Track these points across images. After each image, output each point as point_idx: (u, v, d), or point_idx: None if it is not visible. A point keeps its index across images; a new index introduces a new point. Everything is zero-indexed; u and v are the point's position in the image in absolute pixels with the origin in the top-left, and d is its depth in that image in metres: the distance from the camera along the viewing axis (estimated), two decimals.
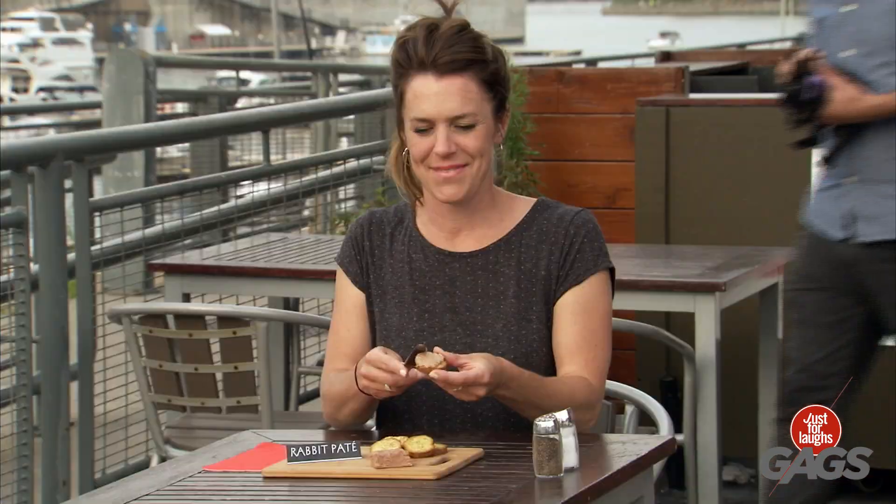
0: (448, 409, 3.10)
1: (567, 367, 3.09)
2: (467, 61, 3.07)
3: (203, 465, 2.99)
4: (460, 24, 3.10)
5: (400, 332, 3.14)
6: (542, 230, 3.14)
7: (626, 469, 2.88)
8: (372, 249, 3.20)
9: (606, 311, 3.15)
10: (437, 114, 3.06)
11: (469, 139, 3.07)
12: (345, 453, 2.90)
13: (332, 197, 9.12)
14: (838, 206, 4.27)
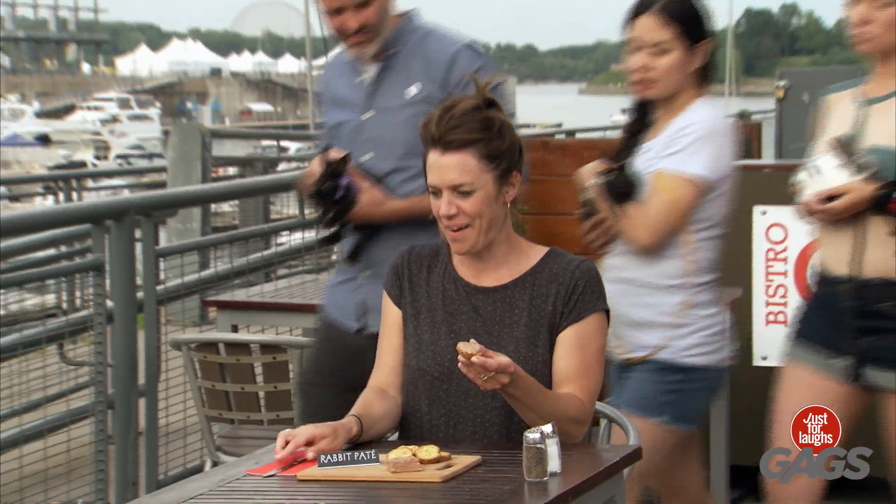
0: (462, 414, 3.10)
1: (563, 389, 3.08)
2: (467, 140, 3.04)
3: (247, 469, 2.97)
4: (474, 104, 3.08)
5: (430, 346, 3.14)
6: (553, 273, 3.14)
7: (600, 473, 2.86)
8: (410, 277, 3.22)
9: (600, 346, 3.14)
10: (441, 182, 3.07)
11: (467, 203, 3.06)
12: (365, 460, 2.88)
13: None
14: (353, 298, 3.86)
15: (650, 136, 3.74)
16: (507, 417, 3.07)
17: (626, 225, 3.68)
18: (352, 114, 3.81)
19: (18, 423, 5.32)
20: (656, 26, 3.61)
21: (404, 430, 3.18)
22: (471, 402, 3.09)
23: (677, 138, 3.64)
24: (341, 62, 3.89)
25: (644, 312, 3.72)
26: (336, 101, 3.87)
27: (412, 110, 3.68)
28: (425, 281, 3.21)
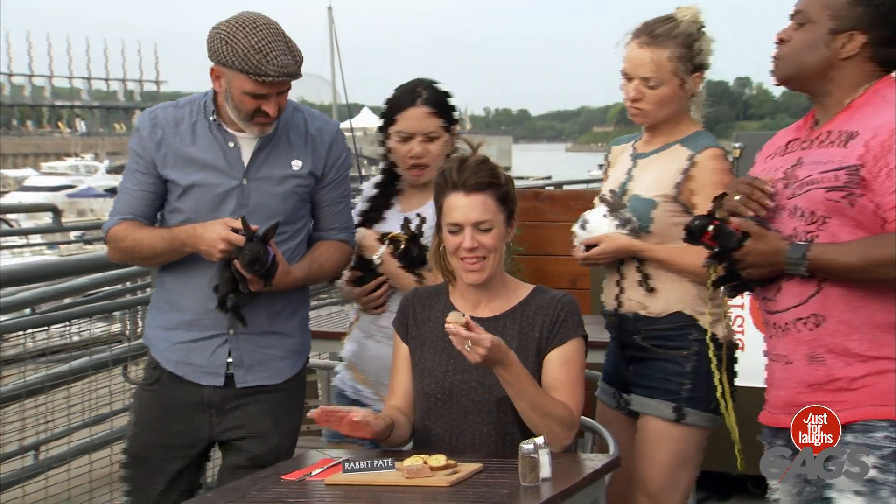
0: (462, 429, 3.10)
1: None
2: (487, 183, 3.10)
3: (281, 475, 2.94)
4: (483, 157, 3.17)
5: (432, 371, 3.14)
6: (539, 306, 3.15)
7: (585, 479, 2.84)
8: (415, 315, 3.23)
9: (581, 367, 3.14)
10: (465, 220, 3.09)
11: (487, 238, 3.10)
12: (383, 467, 2.87)
13: None
14: (218, 355, 3.35)
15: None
16: (501, 430, 3.07)
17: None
18: (221, 178, 3.31)
19: (88, 433, 5.29)
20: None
21: (416, 443, 3.17)
22: (470, 418, 3.09)
23: None
24: (175, 120, 3.35)
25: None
26: (190, 160, 3.32)
27: (295, 182, 3.35)
28: (428, 317, 3.21)
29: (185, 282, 3.36)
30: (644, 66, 3.34)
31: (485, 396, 3.07)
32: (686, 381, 3.29)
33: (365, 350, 3.61)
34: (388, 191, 3.64)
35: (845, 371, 2.75)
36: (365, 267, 3.56)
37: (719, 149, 3.34)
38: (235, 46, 3.18)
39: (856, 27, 2.76)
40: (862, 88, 2.80)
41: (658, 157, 3.39)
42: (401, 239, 3.52)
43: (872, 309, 2.74)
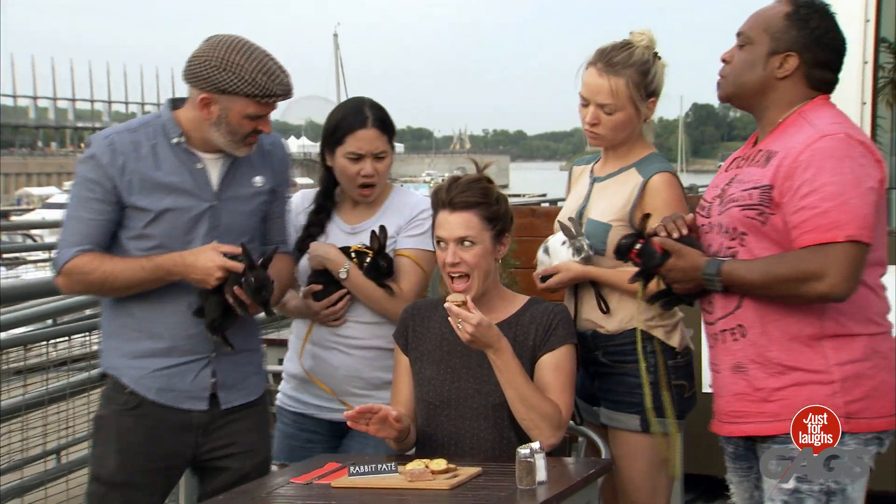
0: (461, 434, 3.10)
1: None
2: (474, 202, 3.10)
3: (290, 478, 2.93)
4: (476, 177, 3.17)
5: (430, 380, 3.14)
6: (532, 316, 3.16)
7: (578, 482, 2.84)
8: (414, 327, 3.23)
9: (571, 373, 3.14)
10: (448, 235, 3.10)
11: (468, 255, 3.10)
12: (387, 471, 2.86)
13: None
14: (201, 378, 3.21)
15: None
16: (498, 434, 3.07)
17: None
18: (191, 201, 3.14)
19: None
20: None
21: (418, 448, 3.17)
22: (468, 424, 3.09)
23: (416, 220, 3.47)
24: (134, 145, 3.14)
25: (387, 374, 3.40)
26: (158, 185, 3.13)
27: (259, 199, 3.25)
28: (427, 328, 3.21)
29: (158, 309, 3.16)
30: (601, 93, 3.31)
31: (482, 403, 3.07)
32: (646, 392, 3.26)
33: (326, 362, 3.46)
34: (326, 205, 3.53)
35: (766, 382, 2.75)
36: (326, 281, 3.43)
37: (670, 173, 3.31)
38: (239, 72, 3.04)
39: (791, 49, 2.79)
40: (793, 109, 2.81)
41: (613, 181, 3.37)
42: (366, 252, 3.42)
43: (788, 322, 2.73)
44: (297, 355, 3.51)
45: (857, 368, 2.71)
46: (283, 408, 3.58)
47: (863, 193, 2.66)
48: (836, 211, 2.65)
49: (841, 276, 2.64)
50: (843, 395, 2.69)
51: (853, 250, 2.65)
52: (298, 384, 3.53)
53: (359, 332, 3.45)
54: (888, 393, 2.73)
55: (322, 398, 3.47)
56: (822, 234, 2.65)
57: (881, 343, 2.75)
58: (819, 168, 2.67)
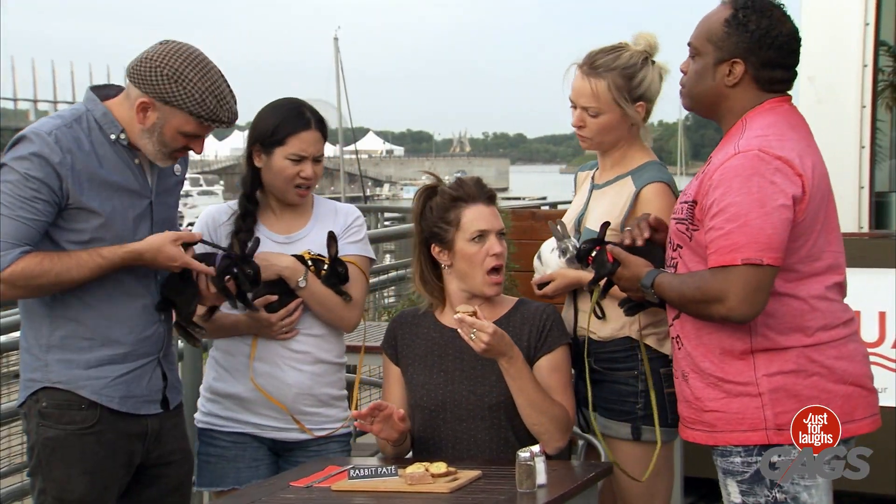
0: (458, 436, 3.10)
1: None
2: (495, 196, 3.22)
3: (289, 481, 2.93)
4: (479, 178, 3.29)
5: (424, 385, 3.14)
6: (524, 317, 3.17)
7: (578, 485, 2.84)
8: (403, 336, 3.24)
9: (569, 373, 3.17)
10: (491, 227, 3.15)
11: (503, 247, 3.17)
12: (387, 474, 2.86)
13: (380, 295, 9.11)
14: (154, 380, 3.11)
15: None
16: (495, 435, 3.08)
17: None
18: (134, 199, 3.03)
19: None
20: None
21: (416, 452, 3.17)
22: (464, 426, 3.10)
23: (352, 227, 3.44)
24: (76, 141, 2.98)
25: (335, 389, 3.41)
26: (105, 184, 2.99)
27: (179, 188, 3.19)
28: (416, 335, 3.22)
29: (112, 314, 3.02)
30: (584, 95, 3.31)
31: (476, 404, 3.08)
32: (639, 400, 3.25)
33: (278, 380, 3.33)
34: (252, 210, 3.40)
35: (704, 392, 2.75)
36: (281, 291, 3.32)
37: (663, 183, 3.29)
38: (189, 89, 2.93)
39: (735, 56, 2.76)
40: (743, 114, 2.77)
41: (609, 189, 3.37)
42: (322, 259, 3.34)
43: (720, 336, 2.73)
44: (246, 374, 3.35)
45: (786, 380, 2.68)
46: (215, 429, 3.39)
47: (766, 214, 2.62)
48: (736, 233, 2.63)
49: (738, 299, 2.62)
50: (773, 407, 2.68)
51: (751, 273, 2.62)
52: (236, 403, 3.37)
53: (308, 346, 3.37)
54: (832, 403, 2.68)
55: (268, 417, 3.35)
56: (722, 256, 2.64)
57: (819, 354, 2.70)
58: (727, 188, 2.65)
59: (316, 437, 3.37)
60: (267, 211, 3.42)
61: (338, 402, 3.43)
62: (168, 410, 3.13)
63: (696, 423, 2.78)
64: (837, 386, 2.71)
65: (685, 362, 2.80)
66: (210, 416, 3.41)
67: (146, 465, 3.10)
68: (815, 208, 2.69)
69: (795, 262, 2.69)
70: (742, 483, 2.70)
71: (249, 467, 3.35)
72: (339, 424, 3.42)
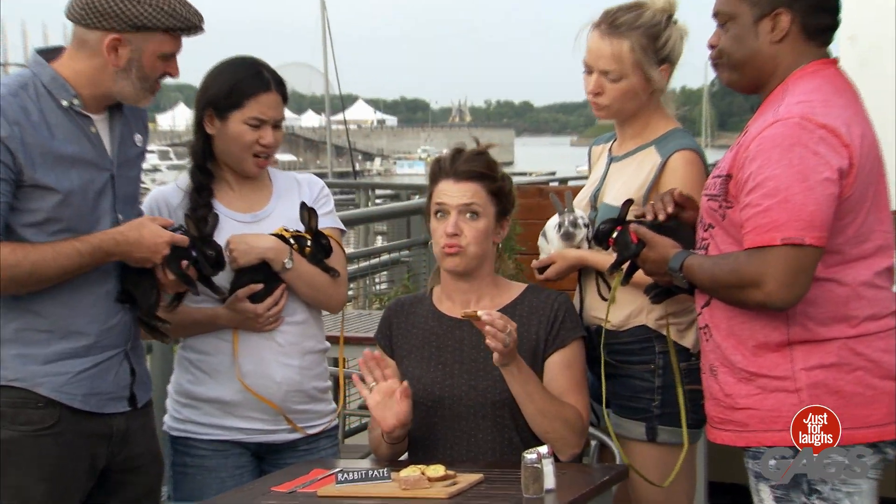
0: (456, 435, 3.12)
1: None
2: (479, 173, 3.15)
3: (271, 486, 2.94)
4: (481, 149, 3.22)
5: (419, 379, 3.16)
6: (532, 306, 3.17)
7: (591, 490, 2.84)
8: (398, 325, 3.25)
9: (583, 369, 3.18)
10: (451, 202, 3.15)
11: (469, 227, 3.13)
12: (379, 477, 2.86)
13: (370, 281, 9.12)
14: (121, 375, 3.09)
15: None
16: (498, 435, 3.09)
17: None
18: (94, 173, 2.98)
19: None
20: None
21: (411, 453, 3.18)
22: (463, 425, 3.11)
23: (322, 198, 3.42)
24: (24, 111, 2.92)
25: (322, 381, 3.42)
26: (60, 158, 2.93)
27: (141, 160, 3.13)
28: (412, 324, 3.23)
29: (73, 302, 2.99)
30: (603, 57, 3.29)
31: (477, 401, 3.09)
32: (655, 397, 3.25)
33: (267, 379, 3.31)
34: (206, 183, 3.35)
35: (735, 388, 2.75)
36: (265, 276, 3.28)
37: (692, 150, 3.27)
38: (153, 3, 2.92)
39: (775, 5, 2.74)
40: (788, 75, 2.75)
41: (630, 161, 3.36)
42: (304, 236, 3.31)
43: (754, 325, 2.72)
44: (230, 375, 3.31)
45: (827, 375, 2.68)
46: (192, 437, 3.36)
47: (809, 188, 2.60)
48: (775, 209, 2.61)
49: (778, 283, 2.61)
50: (811, 404, 2.67)
51: (791, 254, 2.60)
52: (218, 408, 3.34)
53: (294, 336, 3.35)
54: (878, 400, 2.68)
55: (256, 420, 3.34)
56: (760, 235, 2.63)
57: (865, 346, 2.69)
58: (765, 159, 2.63)
59: (308, 434, 3.38)
60: (223, 186, 3.38)
61: (325, 395, 3.46)
62: (136, 409, 3.11)
63: (726, 423, 2.78)
64: (884, 382, 2.70)
65: (714, 355, 2.79)
66: (186, 422, 3.38)
67: (111, 470, 3.09)
68: (863, 183, 2.67)
69: (841, 243, 2.67)
70: (777, 488, 2.71)
71: (233, 476, 3.33)
72: (330, 419, 3.45)
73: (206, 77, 3.36)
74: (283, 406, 3.34)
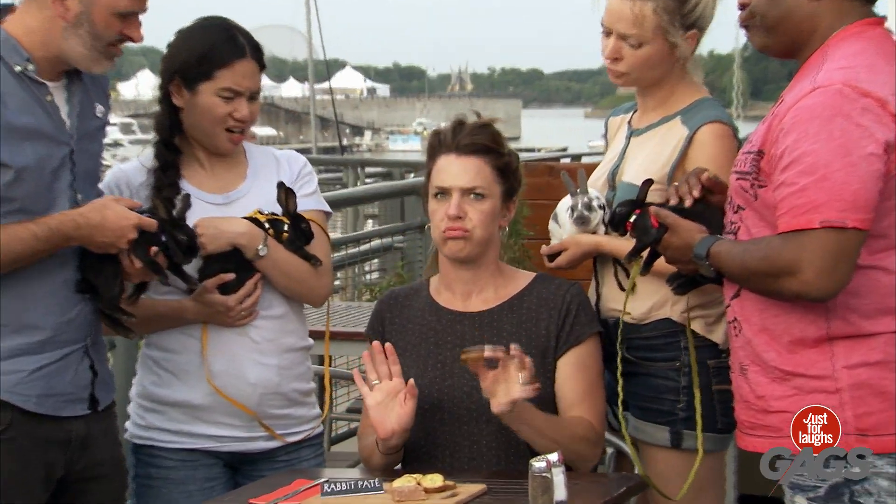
0: (457, 442, 3.13)
1: (572, 413, 3.12)
2: (485, 148, 3.16)
3: (249, 498, 2.95)
4: (485, 121, 3.23)
5: (417, 380, 3.14)
6: (542, 298, 3.18)
7: (607, 502, 2.84)
8: (392, 319, 3.27)
9: (599, 368, 3.20)
10: (454, 183, 3.15)
11: (475, 210, 3.14)
12: (369, 488, 2.88)
13: (360, 270, 9.14)
14: (81, 374, 3.10)
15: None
16: (504, 442, 3.10)
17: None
18: (51, 147, 2.98)
19: None
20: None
21: (406, 461, 3.19)
22: (465, 430, 3.13)
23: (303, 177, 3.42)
24: None
25: (304, 383, 3.43)
26: (14, 131, 2.92)
27: (102, 134, 3.13)
28: (408, 319, 3.25)
29: (27, 293, 2.98)
30: (623, 20, 3.29)
31: (480, 403, 3.09)
32: (680, 398, 3.27)
33: (240, 380, 3.32)
34: (173, 160, 3.34)
35: (767, 388, 2.75)
36: (237, 265, 3.28)
37: (722, 122, 3.29)
38: None
39: None
40: (828, 37, 2.73)
41: (652, 134, 3.37)
42: (280, 219, 3.31)
43: (790, 319, 2.72)
44: (199, 375, 3.31)
45: (871, 374, 2.67)
46: (157, 446, 3.36)
47: (851, 164, 2.59)
48: (813, 188, 2.60)
49: (815, 271, 2.60)
50: (854, 407, 2.67)
51: (831, 239, 2.59)
52: (186, 413, 3.34)
53: (270, 332, 3.35)
54: None
55: (229, 426, 3.34)
56: (796, 217, 2.62)
57: None
58: (802, 132, 2.62)
59: (287, 443, 3.39)
60: (192, 164, 3.38)
61: (307, 399, 3.46)
62: (97, 412, 3.11)
63: (757, 428, 2.79)
64: None
65: (744, 352, 2.80)
66: (150, 429, 3.37)
67: (70, 480, 3.09)
68: None
69: (887, 226, 2.66)
70: (815, 500, 2.72)
71: (202, 490, 3.33)
72: (313, 425, 3.46)
73: (172, 42, 3.35)
74: (259, 410, 3.34)
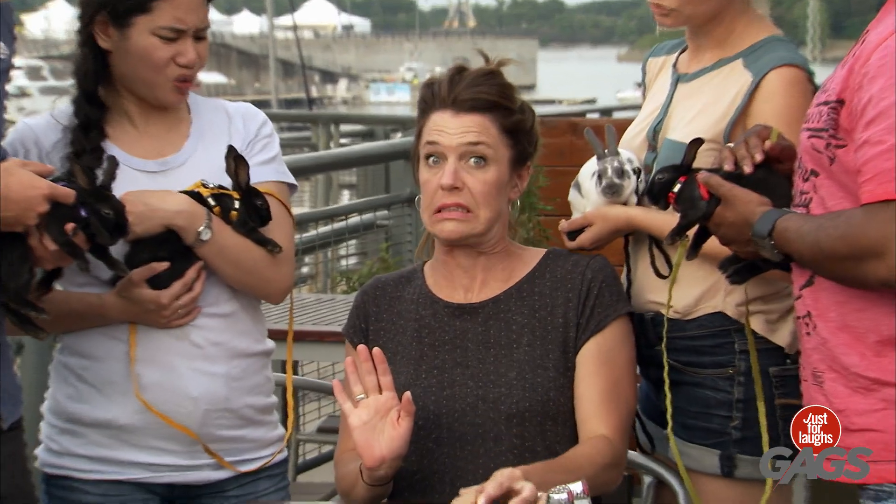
0: (460, 467, 3.12)
1: (589, 425, 3.12)
2: (489, 103, 3.17)
3: None
4: (491, 69, 3.22)
5: (408, 388, 3.13)
6: (557, 277, 3.20)
7: None
8: (379, 314, 3.28)
9: (628, 359, 3.20)
10: (449, 144, 3.15)
11: (476, 178, 3.14)
12: None
13: (333, 254, 9.12)
14: None
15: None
16: (516, 462, 3.03)
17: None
18: None
19: None
20: None
21: (397, 490, 3.17)
22: (469, 450, 3.12)
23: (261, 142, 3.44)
24: None
25: (262, 397, 3.45)
26: None
27: (4, 79, 3.09)
28: (398, 314, 3.27)
29: None
30: None
31: (488, 416, 3.12)
32: (734, 414, 3.29)
33: (177, 391, 3.32)
34: (94, 118, 3.35)
35: (847, 401, 2.77)
36: (172, 252, 3.28)
37: (795, 66, 3.30)
38: None
39: None
40: None
41: (706, 80, 3.40)
42: (229, 194, 3.31)
43: (877, 314, 2.74)
44: (126, 387, 3.30)
45: None
46: (74, 476, 3.37)
47: None
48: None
49: None
50: None
51: None
52: (109, 436, 3.35)
53: (217, 334, 3.36)
54: None
55: (163, 452, 3.35)
56: (882, 185, 2.63)
57: None
58: (890, 79, 2.64)
59: (240, 473, 3.39)
60: (120, 121, 3.38)
61: (266, 417, 3.45)
62: (0, 432, 3.11)
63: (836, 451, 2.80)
64: None
65: (819, 356, 2.82)
66: (66, 456, 3.38)
67: None
68: None
69: None
70: None
71: None
72: (273, 450, 3.46)
73: None
74: (203, 432, 3.33)
